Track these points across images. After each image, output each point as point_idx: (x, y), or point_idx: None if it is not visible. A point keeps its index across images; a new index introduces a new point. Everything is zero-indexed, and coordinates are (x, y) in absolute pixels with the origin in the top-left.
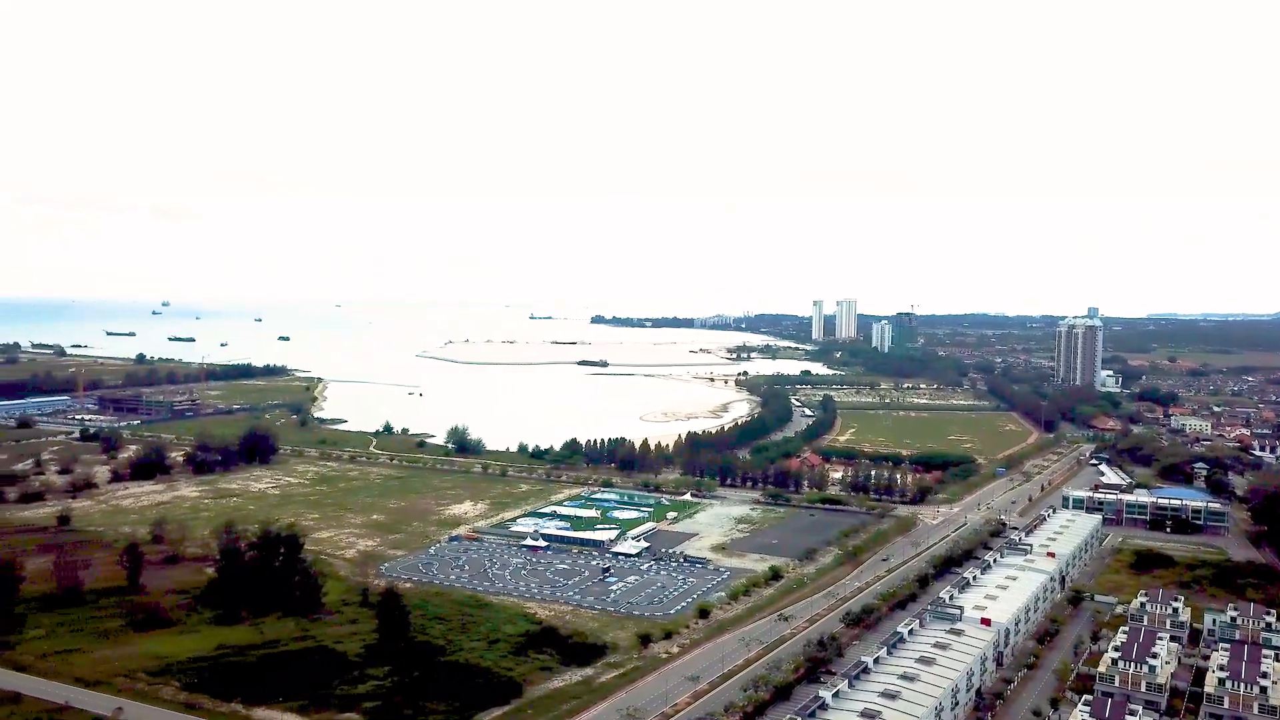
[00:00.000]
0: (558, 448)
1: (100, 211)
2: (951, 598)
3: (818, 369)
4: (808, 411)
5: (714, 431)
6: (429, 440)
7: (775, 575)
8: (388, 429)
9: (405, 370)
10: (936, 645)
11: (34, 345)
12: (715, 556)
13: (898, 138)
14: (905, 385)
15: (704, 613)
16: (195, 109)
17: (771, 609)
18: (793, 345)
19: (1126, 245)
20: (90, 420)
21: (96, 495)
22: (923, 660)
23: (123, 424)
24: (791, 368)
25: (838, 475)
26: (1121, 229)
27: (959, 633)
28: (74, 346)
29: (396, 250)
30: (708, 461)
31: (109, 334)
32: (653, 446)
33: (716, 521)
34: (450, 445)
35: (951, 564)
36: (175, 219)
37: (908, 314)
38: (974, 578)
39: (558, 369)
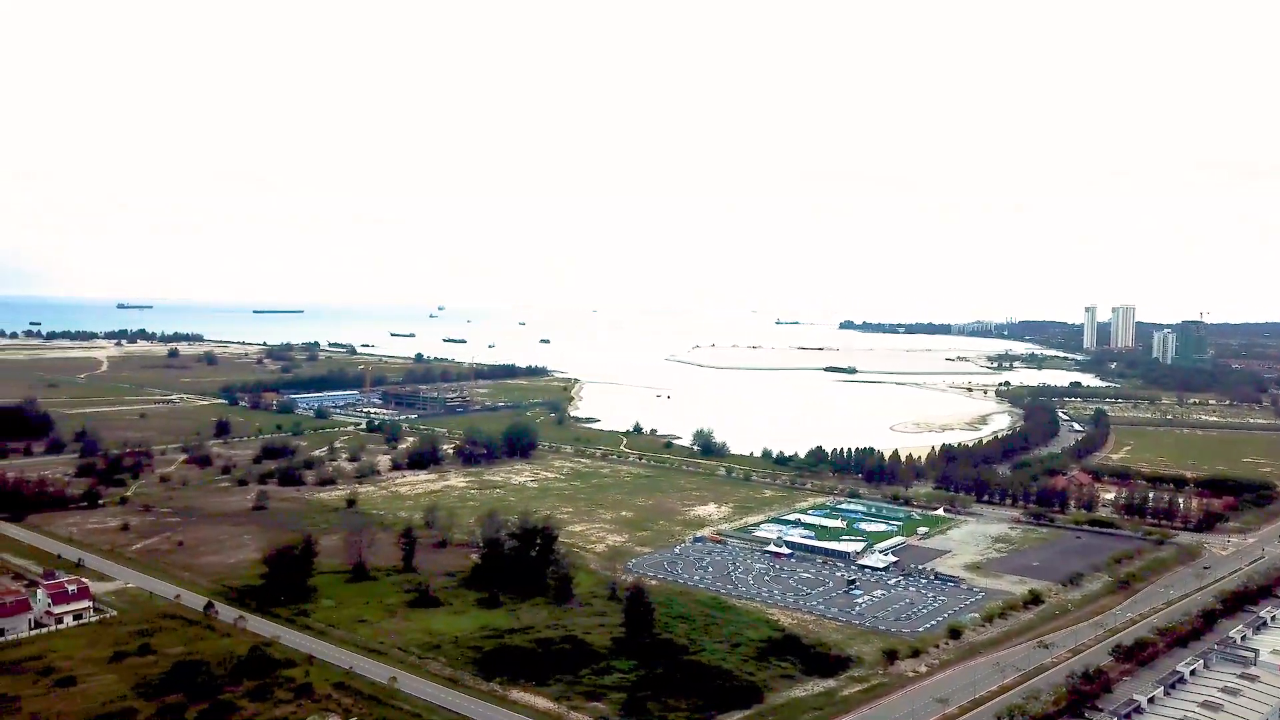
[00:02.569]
0: (802, 455)
1: (388, 227)
2: (1244, 639)
3: (1089, 380)
4: (1076, 426)
5: (970, 444)
6: (676, 441)
7: (1035, 599)
8: (637, 429)
9: (654, 373)
10: (1225, 690)
11: (330, 345)
12: (969, 575)
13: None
14: (1191, 400)
15: (955, 633)
16: (477, 128)
17: (1029, 635)
18: (1061, 354)
19: None
20: (375, 413)
21: (379, 481)
22: (1207, 705)
23: (402, 417)
24: (1059, 378)
25: (1109, 496)
26: None
27: (1253, 678)
28: (363, 346)
29: (648, 257)
30: (963, 476)
31: (392, 335)
32: (903, 458)
33: (971, 539)
34: (696, 447)
35: (1245, 601)
36: (453, 230)
37: (1196, 322)
38: (1272, 618)
39: (803, 375)
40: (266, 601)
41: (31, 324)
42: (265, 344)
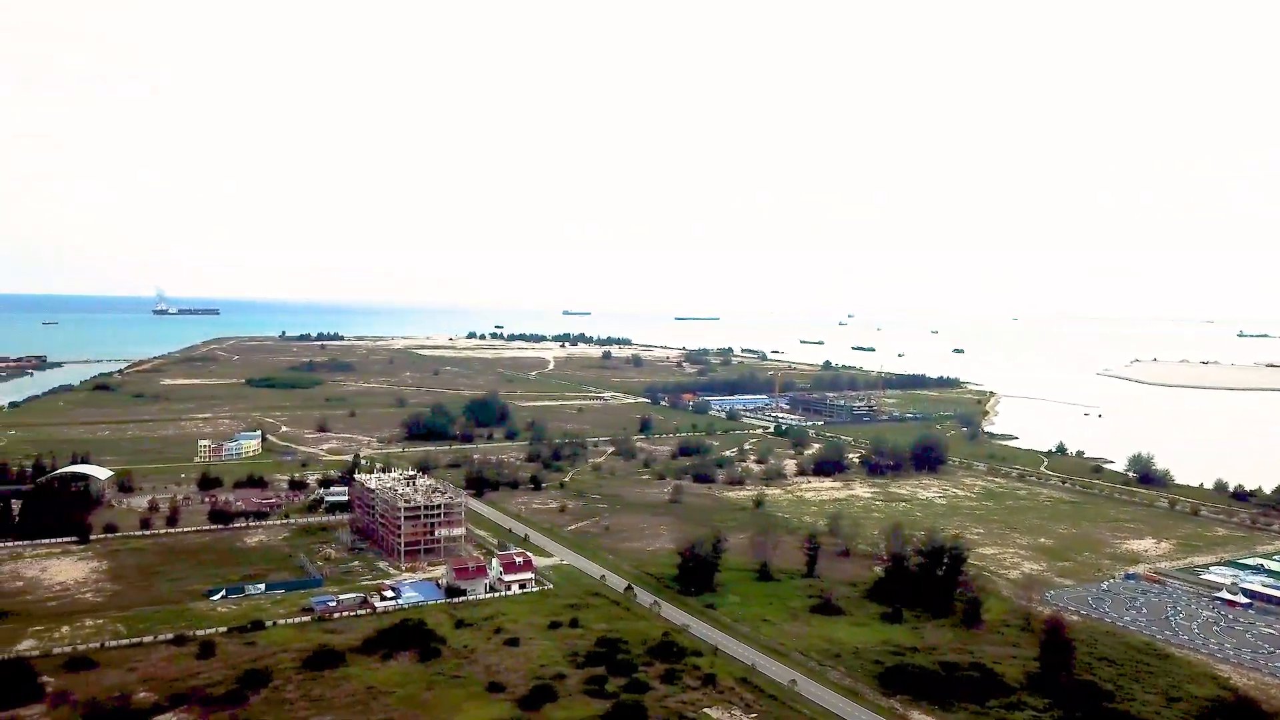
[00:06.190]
0: (1268, 490)
1: (791, 243)
2: None
3: None
4: None
5: None
6: (1107, 465)
7: None
8: (1061, 449)
9: (1083, 388)
10: None
11: (743, 350)
12: None
13: None
14: None
15: None
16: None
17: None
18: None
19: None
20: (782, 418)
21: (784, 485)
22: None
23: (808, 423)
24: None
25: None
26: None
27: None
28: (773, 352)
29: (1079, 263)
30: None
31: (802, 342)
32: None
33: None
34: (1131, 473)
35: None
36: (853, 240)
37: None
38: None
39: (1272, 396)
40: (678, 590)
41: (496, 327)
42: (684, 348)
